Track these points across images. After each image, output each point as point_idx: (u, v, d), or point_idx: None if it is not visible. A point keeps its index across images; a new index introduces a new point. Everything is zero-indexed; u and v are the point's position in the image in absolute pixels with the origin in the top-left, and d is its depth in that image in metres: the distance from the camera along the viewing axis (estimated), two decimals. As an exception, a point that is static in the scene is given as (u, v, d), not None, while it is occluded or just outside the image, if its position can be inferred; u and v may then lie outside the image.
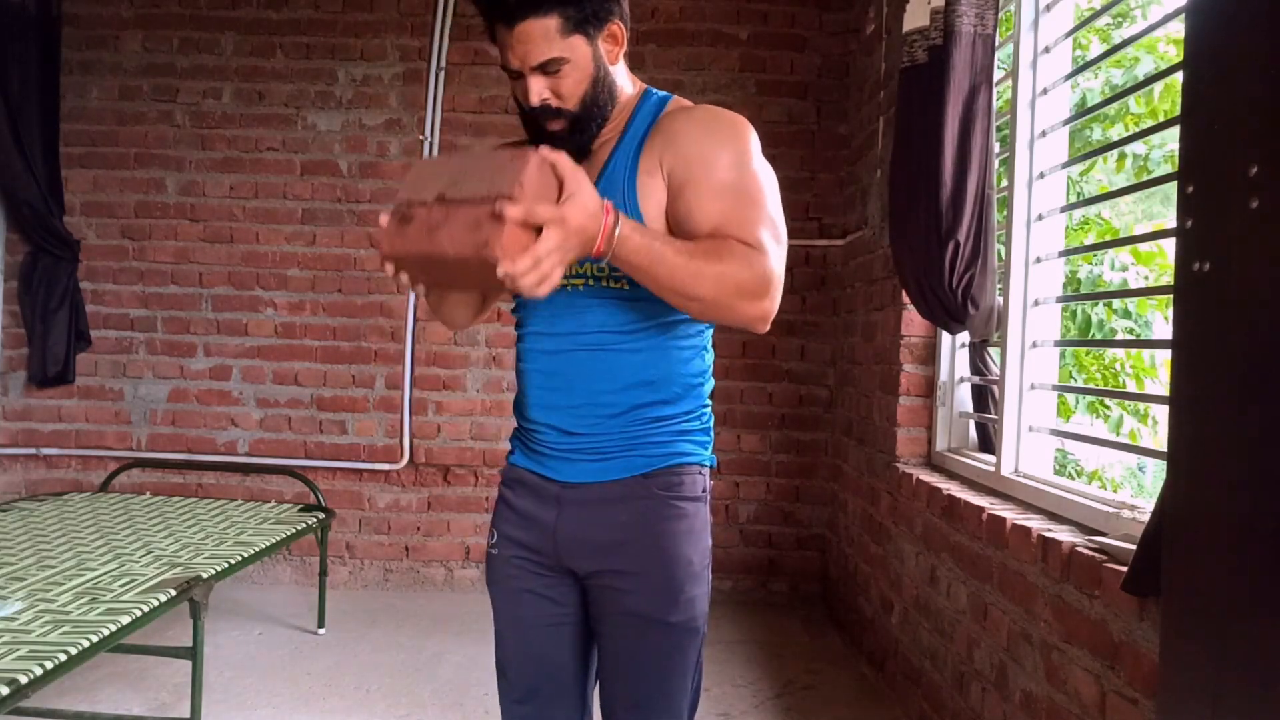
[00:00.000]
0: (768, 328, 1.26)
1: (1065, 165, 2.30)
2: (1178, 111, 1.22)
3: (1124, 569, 1.48)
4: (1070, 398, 4.63)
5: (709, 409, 1.43)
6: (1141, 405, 4.63)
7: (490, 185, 1.12)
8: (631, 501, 1.33)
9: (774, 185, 1.32)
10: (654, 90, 1.40)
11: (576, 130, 1.30)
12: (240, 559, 2.61)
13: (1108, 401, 4.73)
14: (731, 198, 1.26)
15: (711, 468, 1.42)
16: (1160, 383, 4.58)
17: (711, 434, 1.44)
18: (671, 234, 1.27)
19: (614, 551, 1.33)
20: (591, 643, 1.44)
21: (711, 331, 1.42)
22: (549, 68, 1.26)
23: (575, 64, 1.27)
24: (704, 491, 1.39)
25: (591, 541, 1.34)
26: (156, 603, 2.18)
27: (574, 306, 1.32)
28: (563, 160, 1.11)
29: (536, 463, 1.39)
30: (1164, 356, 4.44)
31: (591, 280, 1.31)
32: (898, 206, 2.63)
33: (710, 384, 1.43)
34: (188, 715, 2.33)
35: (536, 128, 1.32)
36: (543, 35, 1.23)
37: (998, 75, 2.38)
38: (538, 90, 1.27)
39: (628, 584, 1.33)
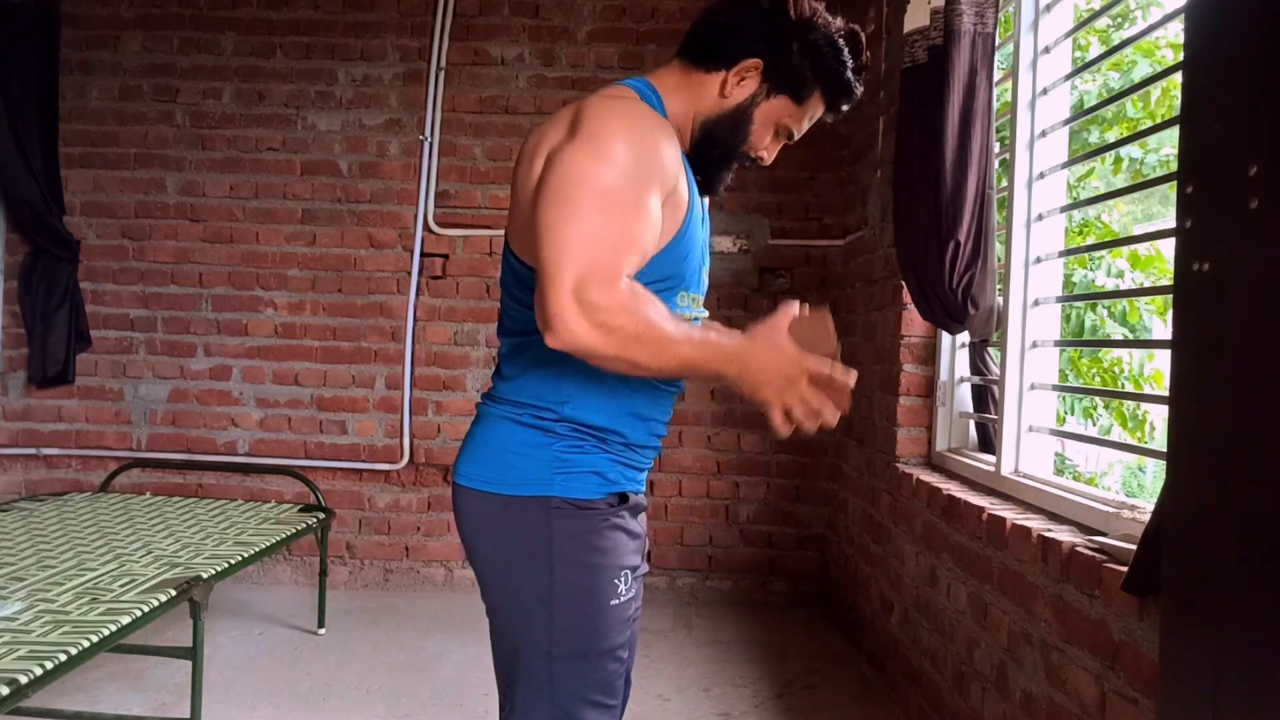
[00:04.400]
0: None
1: (1065, 165, 2.30)
2: (1175, 115, 1.23)
3: (1124, 569, 1.48)
4: (1063, 404, 4.64)
5: None
6: (1139, 413, 4.64)
7: (827, 348, 1.18)
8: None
9: None
10: None
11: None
12: (240, 559, 2.61)
13: (1099, 408, 4.74)
14: None
15: None
16: (1158, 388, 4.58)
17: None
18: None
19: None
20: None
21: None
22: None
23: None
24: None
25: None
26: (156, 603, 2.18)
27: None
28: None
29: (640, 483, 1.40)
30: (1160, 365, 4.46)
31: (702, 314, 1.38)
32: (900, 207, 2.63)
33: None
34: (188, 715, 2.33)
35: (729, 164, 1.38)
36: None
37: (997, 75, 2.38)
38: (773, 152, 1.41)
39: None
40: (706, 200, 1.43)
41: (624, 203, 1.10)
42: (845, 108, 1.37)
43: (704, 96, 1.31)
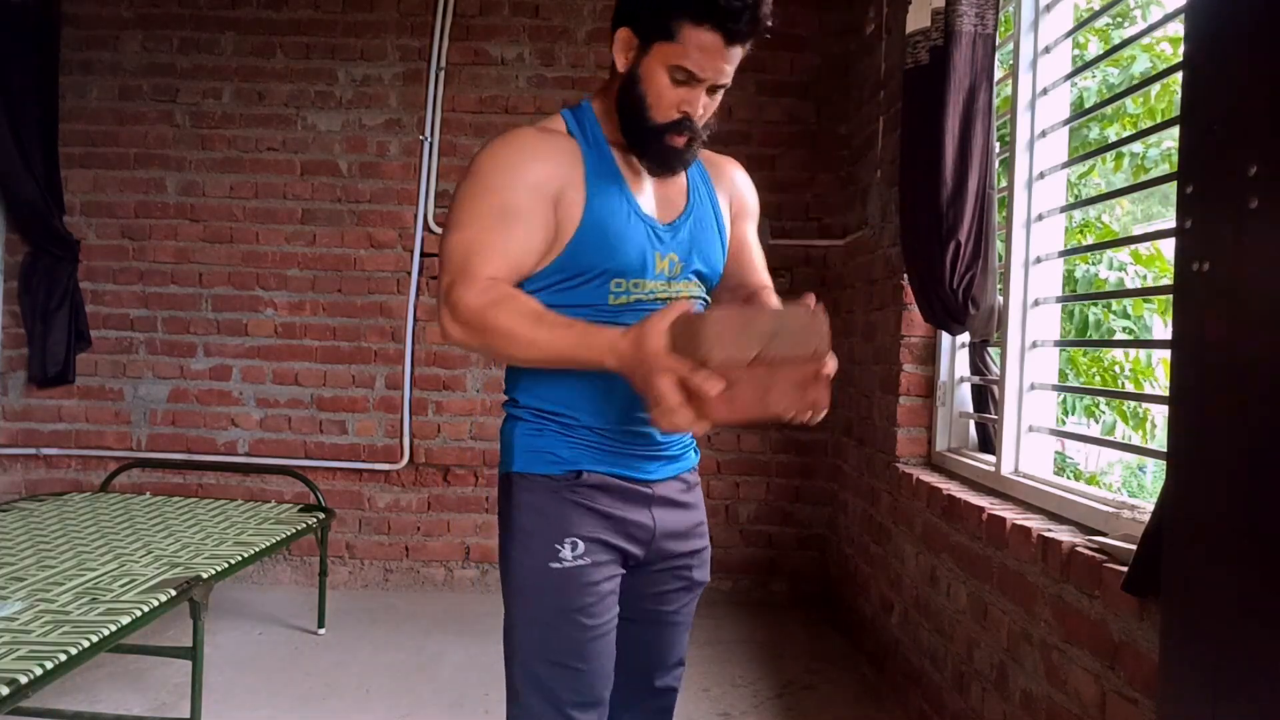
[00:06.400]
0: None
1: (1065, 165, 2.30)
2: (1175, 111, 1.23)
3: (1124, 569, 1.48)
4: (1065, 402, 4.64)
5: None
6: (1140, 411, 4.63)
7: (806, 343, 1.20)
8: (694, 489, 1.54)
9: None
10: None
11: (691, 148, 1.38)
12: (240, 559, 2.61)
13: (1102, 406, 4.73)
14: (761, 254, 1.62)
15: None
16: (1158, 384, 4.58)
17: None
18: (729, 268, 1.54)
19: (692, 535, 1.51)
20: None
21: None
22: (719, 88, 1.34)
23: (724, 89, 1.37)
24: None
25: (680, 530, 1.49)
26: (156, 603, 2.18)
27: None
28: (810, 298, 1.26)
29: (625, 467, 1.41)
30: (1162, 356, 4.44)
31: (697, 294, 1.46)
32: (904, 207, 2.63)
33: None
34: (188, 715, 2.33)
35: (657, 136, 1.34)
36: (737, 58, 1.32)
37: (998, 75, 2.38)
38: (703, 104, 1.34)
39: (697, 559, 1.52)
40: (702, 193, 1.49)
41: (486, 217, 1.30)
42: (743, 22, 1.25)
43: (610, 87, 1.39)
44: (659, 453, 1.45)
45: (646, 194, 1.41)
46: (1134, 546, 1.46)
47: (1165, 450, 1.20)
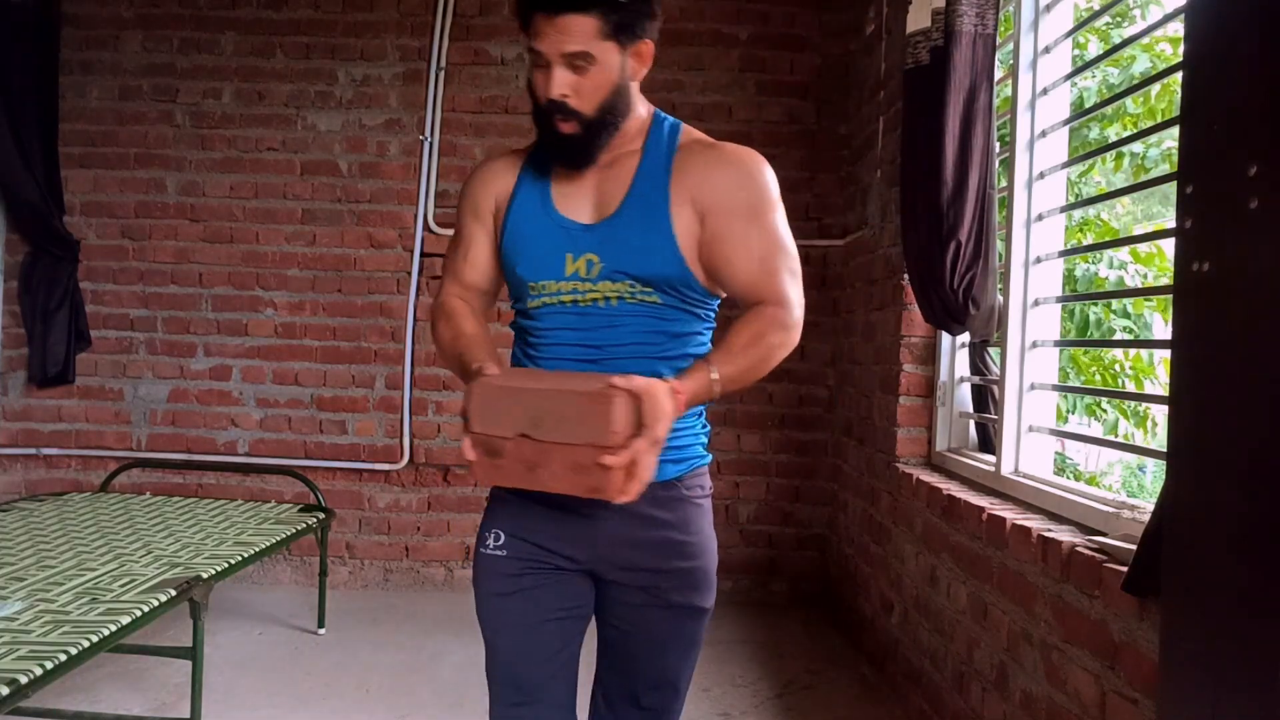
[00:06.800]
0: None
1: (1065, 165, 2.30)
2: (1175, 110, 1.23)
3: (1124, 569, 1.48)
4: (1065, 402, 4.63)
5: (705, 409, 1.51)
6: (1140, 409, 4.63)
7: (581, 432, 1.17)
8: (671, 503, 1.41)
9: (783, 212, 1.42)
10: (662, 113, 1.46)
11: (588, 135, 1.34)
12: (240, 559, 2.61)
13: (1104, 404, 4.74)
14: (760, 254, 1.37)
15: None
16: (1159, 383, 4.58)
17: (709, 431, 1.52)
18: (705, 269, 1.37)
19: (660, 549, 1.41)
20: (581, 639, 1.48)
21: (712, 334, 1.47)
22: (576, 61, 1.29)
23: (602, 67, 1.31)
24: (710, 486, 1.50)
25: (639, 541, 1.40)
26: (156, 603, 2.18)
27: (613, 321, 1.37)
28: (635, 383, 1.18)
29: None
30: (1163, 356, 4.44)
31: (628, 296, 1.36)
32: (904, 208, 2.63)
33: None
34: (188, 715, 2.33)
35: (547, 124, 1.34)
36: (579, 30, 1.28)
37: (998, 75, 2.38)
38: (560, 83, 1.31)
39: (672, 580, 1.42)
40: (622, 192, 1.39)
41: (451, 241, 1.53)
42: (530, 13, 1.32)
43: None
44: None
45: (578, 195, 1.39)
46: (1134, 546, 1.46)
47: (1165, 450, 1.20)
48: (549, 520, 1.40)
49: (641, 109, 1.42)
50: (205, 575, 2.39)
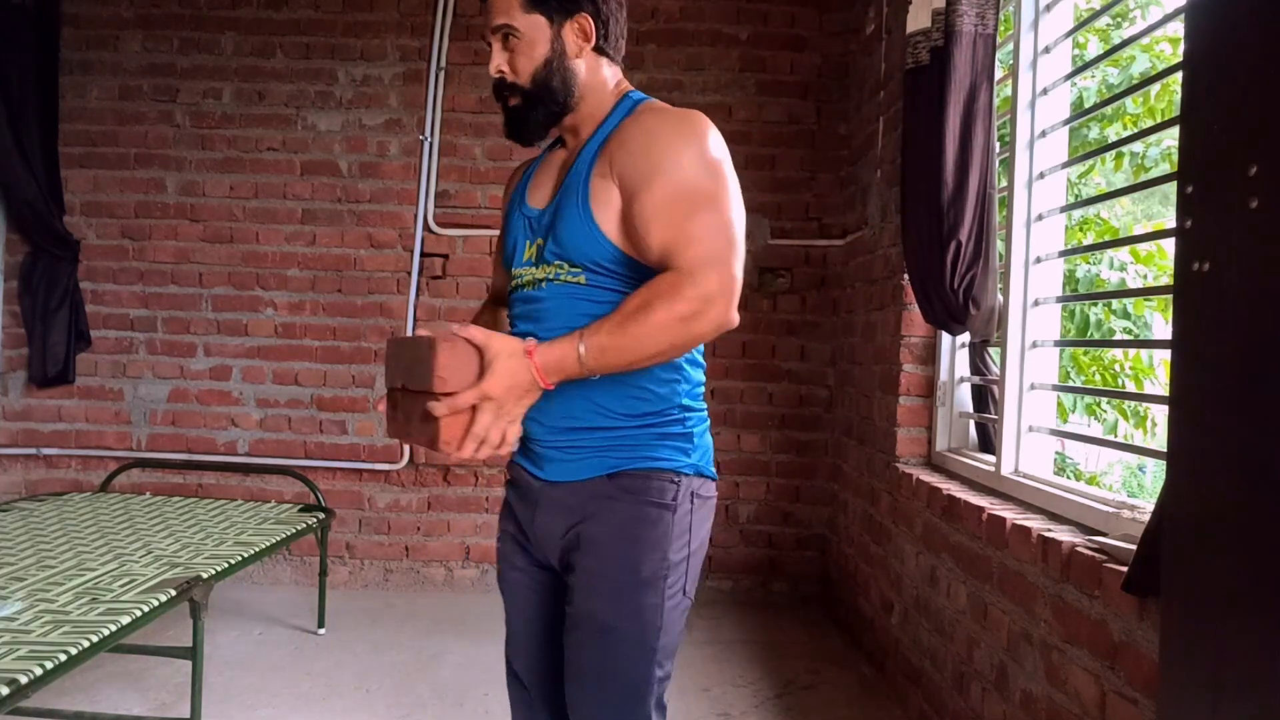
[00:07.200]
0: (736, 322, 1.26)
1: (1065, 165, 2.30)
2: (1175, 110, 1.22)
3: (1124, 569, 1.48)
4: (1066, 401, 4.63)
5: (695, 413, 1.39)
6: (1140, 409, 4.63)
7: (422, 378, 1.16)
8: (594, 500, 1.33)
9: (721, 176, 1.27)
10: (635, 94, 1.41)
11: (529, 108, 1.37)
12: (240, 559, 2.61)
13: (1104, 404, 4.73)
14: (672, 217, 1.24)
15: (697, 476, 1.36)
16: (1159, 383, 4.58)
17: (701, 440, 1.39)
18: (631, 243, 1.28)
19: (575, 548, 1.34)
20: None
21: None
22: (504, 34, 1.34)
23: (528, 41, 1.34)
24: (674, 500, 1.33)
25: (557, 537, 1.37)
26: (156, 603, 2.18)
27: (544, 303, 1.37)
28: (471, 331, 1.18)
29: (528, 460, 1.43)
30: (1163, 356, 4.44)
31: (553, 278, 1.34)
32: (904, 208, 2.63)
33: (690, 385, 1.38)
34: (188, 715, 2.33)
35: (500, 102, 1.40)
36: (502, 4, 1.34)
37: (998, 75, 2.38)
38: (497, 61, 1.36)
39: (584, 581, 1.33)
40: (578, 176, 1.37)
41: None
42: None
43: None
44: (545, 447, 1.37)
45: (544, 183, 1.43)
46: (1134, 546, 1.46)
47: (1165, 450, 1.20)
48: (512, 510, 1.48)
49: (607, 90, 1.39)
50: (205, 575, 2.39)
